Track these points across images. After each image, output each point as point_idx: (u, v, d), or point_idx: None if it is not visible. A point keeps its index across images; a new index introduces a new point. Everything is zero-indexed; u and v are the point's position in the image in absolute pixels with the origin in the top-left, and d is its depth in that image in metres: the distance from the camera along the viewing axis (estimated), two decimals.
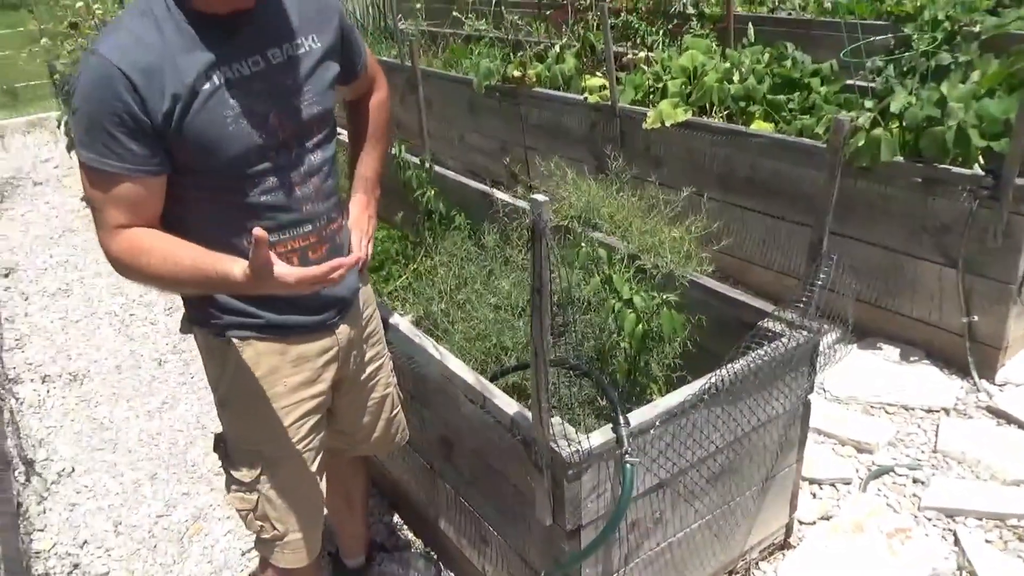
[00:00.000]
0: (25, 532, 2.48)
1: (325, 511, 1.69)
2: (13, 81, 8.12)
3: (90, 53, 1.21)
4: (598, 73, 4.19)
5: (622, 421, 1.51)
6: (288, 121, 1.34)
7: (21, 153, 6.93)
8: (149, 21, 1.22)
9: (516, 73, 4.32)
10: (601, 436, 1.49)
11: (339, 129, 1.57)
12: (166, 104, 1.20)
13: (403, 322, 1.95)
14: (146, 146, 1.21)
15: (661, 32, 4.85)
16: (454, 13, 6.15)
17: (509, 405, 1.60)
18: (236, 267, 1.19)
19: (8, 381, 3.37)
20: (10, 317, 3.98)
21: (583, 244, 2.25)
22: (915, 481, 2.34)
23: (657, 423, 1.54)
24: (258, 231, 1.10)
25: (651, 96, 3.85)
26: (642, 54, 4.27)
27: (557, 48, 4.50)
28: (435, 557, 2.21)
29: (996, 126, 2.59)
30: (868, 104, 2.88)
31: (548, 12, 5.65)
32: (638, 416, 1.53)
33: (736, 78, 3.60)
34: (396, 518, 2.41)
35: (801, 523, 2.20)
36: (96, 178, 1.22)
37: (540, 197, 1.22)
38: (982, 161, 2.61)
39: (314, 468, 1.56)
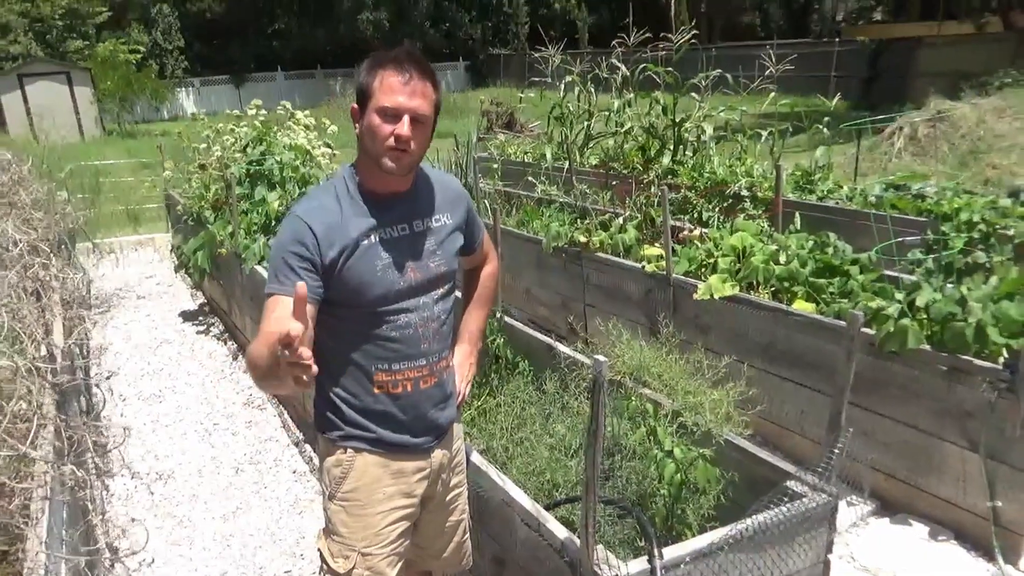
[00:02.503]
0: None
1: None
2: (133, 204, 9.10)
3: (290, 213, 1.69)
4: (656, 244, 4.64)
5: (657, 554, 1.76)
6: (421, 273, 1.75)
7: (127, 269, 7.69)
8: (332, 195, 1.71)
9: (582, 238, 4.81)
10: (638, 565, 1.74)
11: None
12: (334, 253, 1.64)
13: (472, 452, 2.26)
14: (313, 279, 1.62)
15: (716, 210, 5.34)
16: (528, 177, 6.83)
17: (560, 531, 1.87)
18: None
19: (103, 474, 3.74)
20: (108, 416, 4.41)
21: (632, 398, 2.56)
22: None
23: (687, 559, 1.79)
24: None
25: (703, 269, 4.25)
26: (697, 231, 4.73)
27: (620, 220, 5.00)
28: None
29: (1015, 326, 2.86)
30: (898, 296, 3.20)
31: (614, 183, 6.23)
32: (671, 551, 1.78)
33: (782, 259, 3.98)
34: None
35: None
36: (270, 304, 1.61)
37: (601, 358, 1.57)
38: (1006, 355, 2.85)
39: (394, 573, 1.83)
